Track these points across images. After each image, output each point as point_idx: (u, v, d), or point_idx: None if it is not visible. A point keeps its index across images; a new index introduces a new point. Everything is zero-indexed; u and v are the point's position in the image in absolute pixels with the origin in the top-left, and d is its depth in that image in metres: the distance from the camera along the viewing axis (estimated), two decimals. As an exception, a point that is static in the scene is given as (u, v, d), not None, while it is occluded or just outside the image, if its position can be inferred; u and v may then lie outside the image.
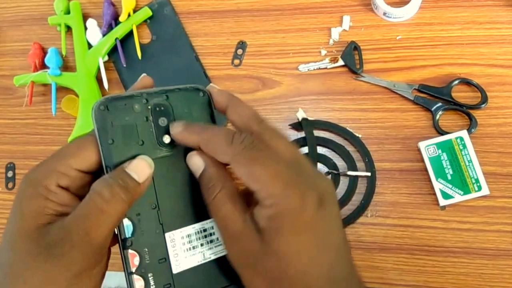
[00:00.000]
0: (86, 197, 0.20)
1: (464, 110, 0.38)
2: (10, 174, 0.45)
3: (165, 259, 0.21)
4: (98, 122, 0.21)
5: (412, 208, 0.37)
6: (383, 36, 0.41)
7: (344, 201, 0.38)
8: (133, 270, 0.21)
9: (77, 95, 0.44)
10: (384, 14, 0.41)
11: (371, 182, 0.38)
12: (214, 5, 0.45)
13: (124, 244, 0.21)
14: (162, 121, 0.22)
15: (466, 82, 0.39)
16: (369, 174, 0.38)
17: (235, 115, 0.22)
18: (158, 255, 0.21)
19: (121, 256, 0.21)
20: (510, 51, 0.39)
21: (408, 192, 0.37)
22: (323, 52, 0.42)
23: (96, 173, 0.21)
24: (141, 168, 0.20)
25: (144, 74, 0.24)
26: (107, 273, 0.22)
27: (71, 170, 0.20)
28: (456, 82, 0.38)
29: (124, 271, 0.21)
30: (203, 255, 0.22)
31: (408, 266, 0.36)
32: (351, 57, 0.40)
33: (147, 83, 0.24)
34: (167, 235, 0.22)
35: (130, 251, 0.21)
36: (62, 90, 0.44)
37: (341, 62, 0.41)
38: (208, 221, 0.23)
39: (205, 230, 0.23)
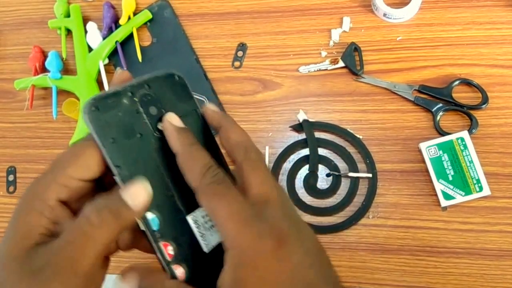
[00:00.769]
0: (75, 220, 0.18)
1: (465, 111, 0.38)
2: (11, 177, 0.45)
3: (195, 241, 0.22)
4: (94, 124, 0.20)
5: (413, 209, 0.37)
6: (383, 37, 0.41)
7: (345, 202, 0.38)
8: (170, 260, 0.21)
9: (77, 98, 0.44)
10: (384, 15, 0.41)
11: (372, 184, 0.38)
12: (214, 7, 0.45)
13: (155, 237, 0.20)
14: (152, 110, 0.22)
15: (467, 82, 0.39)
16: (370, 175, 0.38)
17: (223, 140, 0.22)
18: (187, 239, 0.22)
19: (154, 250, 0.21)
20: (511, 51, 0.39)
21: (409, 193, 0.37)
22: (324, 53, 0.42)
23: (97, 180, 0.20)
24: (137, 194, 0.19)
25: (119, 68, 0.24)
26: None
27: (71, 180, 0.19)
28: (457, 82, 0.38)
29: (161, 263, 0.21)
30: (218, 236, 0.22)
31: (410, 267, 0.36)
32: (352, 59, 0.40)
33: (125, 77, 0.23)
34: (189, 218, 0.22)
35: (162, 242, 0.21)
36: (63, 93, 0.44)
37: (341, 64, 0.41)
38: None
39: (207, 215, 0.23)
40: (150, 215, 0.21)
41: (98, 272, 0.19)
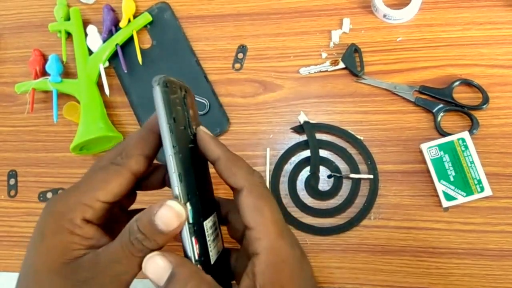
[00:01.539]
0: (118, 239, 0.19)
1: (466, 111, 0.38)
2: (12, 181, 0.45)
3: (207, 249, 0.21)
4: (162, 99, 0.20)
5: (415, 210, 0.37)
6: (384, 38, 0.41)
7: (347, 204, 0.38)
8: (197, 258, 0.20)
9: (78, 102, 0.44)
10: (384, 16, 0.41)
11: (374, 185, 0.38)
12: (214, 9, 0.45)
13: (190, 230, 0.20)
14: (191, 112, 0.23)
15: (467, 83, 0.39)
16: (371, 176, 0.38)
17: (226, 172, 0.22)
18: (203, 244, 0.21)
19: (186, 246, 0.20)
20: (511, 51, 0.39)
21: (410, 194, 0.37)
22: (324, 55, 0.42)
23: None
24: (168, 219, 0.19)
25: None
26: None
27: (97, 202, 0.20)
28: (457, 83, 0.38)
29: (192, 259, 0.19)
30: (217, 249, 0.23)
31: (412, 268, 0.36)
32: (352, 60, 0.40)
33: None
34: (205, 223, 0.21)
35: (194, 237, 0.20)
36: (63, 96, 0.44)
37: (341, 65, 0.41)
38: (213, 215, 0.24)
39: (214, 223, 0.23)
40: (188, 206, 0.20)
41: None
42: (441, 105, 0.38)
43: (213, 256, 0.22)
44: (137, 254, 0.19)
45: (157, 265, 0.19)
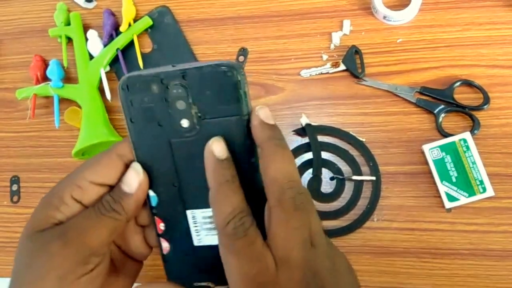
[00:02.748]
0: (88, 208, 0.21)
1: (467, 112, 0.38)
2: (15, 187, 0.45)
3: (187, 232, 0.23)
4: (121, 101, 0.21)
5: (418, 211, 0.37)
6: (384, 40, 0.41)
7: (349, 206, 0.38)
8: (160, 233, 0.23)
9: (79, 107, 0.44)
10: (384, 17, 0.41)
11: (376, 186, 0.38)
12: (214, 12, 0.45)
13: (152, 211, 0.23)
14: (180, 104, 0.21)
15: (468, 83, 0.39)
16: (374, 178, 0.38)
17: (261, 169, 0.19)
18: (181, 227, 0.23)
19: (152, 221, 0.23)
20: (511, 51, 0.39)
21: (413, 195, 0.37)
22: (325, 57, 0.42)
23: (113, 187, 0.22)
24: (130, 179, 0.21)
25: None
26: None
27: (85, 182, 0.21)
28: (458, 83, 0.39)
29: (155, 234, 0.23)
30: (215, 238, 0.23)
31: (416, 270, 0.36)
32: (353, 61, 0.40)
33: None
34: (188, 212, 0.23)
35: (156, 217, 0.23)
36: (65, 102, 0.44)
37: (342, 67, 0.41)
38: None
39: (210, 217, 0.23)
40: (151, 193, 0.23)
41: (104, 259, 0.21)
42: (442, 106, 0.38)
43: (201, 240, 0.23)
44: (104, 213, 0.21)
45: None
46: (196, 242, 0.23)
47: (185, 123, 0.21)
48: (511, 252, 0.35)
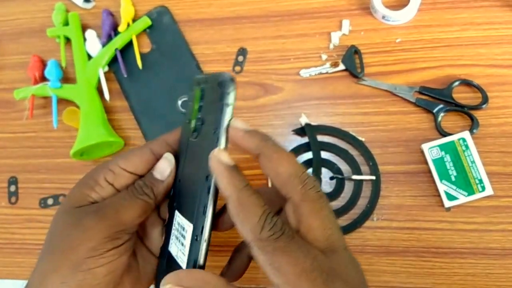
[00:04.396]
0: (122, 190, 0.23)
1: (466, 111, 0.38)
2: (12, 188, 0.44)
3: (169, 233, 0.24)
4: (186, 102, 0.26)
5: (417, 210, 0.37)
6: (383, 39, 0.41)
7: (349, 205, 0.38)
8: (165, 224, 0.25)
9: (78, 107, 0.43)
10: (383, 17, 0.41)
11: (376, 186, 0.38)
12: (213, 12, 0.45)
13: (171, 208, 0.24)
14: (195, 106, 0.24)
15: (467, 83, 0.39)
16: (373, 177, 0.38)
17: (270, 171, 0.19)
18: (169, 224, 0.24)
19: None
20: (509, 51, 0.39)
21: (413, 195, 0.37)
22: (324, 56, 0.42)
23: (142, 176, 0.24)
24: (162, 168, 0.24)
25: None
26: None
27: (117, 168, 0.24)
28: (457, 83, 0.39)
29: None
30: (177, 250, 0.22)
31: (416, 269, 0.36)
32: (352, 61, 0.40)
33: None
34: (176, 211, 0.24)
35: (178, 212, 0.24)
36: (63, 102, 0.44)
37: (342, 66, 0.41)
38: (187, 221, 0.21)
39: (183, 229, 0.22)
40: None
41: (132, 237, 0.23)
42: (441, 106, 0.38)
43: (172, 247, 0.23)
44: (137, 195, 0.23)
45: None
46: (169, 246, 0.23)
47: (193, 123, 0.23)
48: (510, 251, 0.35)
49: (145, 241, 0.26)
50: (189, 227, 0.21)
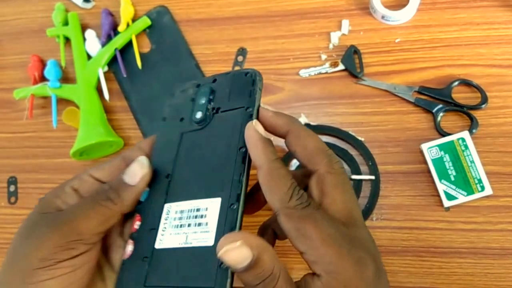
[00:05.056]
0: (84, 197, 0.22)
1: (465, 111, 0.38)
2: (12, 188, 0.44)
3: (155, 231, 0.21)
4: (165, 105, 0.26)
5: (416, 210, 0.37)
6: (382, 39, 0.41)
7: (349, 205, 0.38)
8: (131, 233, 0.22)
9: (77, 107, 0.43)
10: (383, 17, 0.41)
11: (375, 186, 0.38)
12: (213, 12, 0.45)
13: (136, 207, 0.22)
14: (201, 100, 0.24)
15: (466, 83, 0.39)
16: (373, 177, 0.38)
17: (298, 146, 0.20)
18: (151, 224, 0.22)
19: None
20: (508, 51, 0.39)
21: (412, 194, 0.37)
22: (323, 56, 0.42)
23: None
24: (133, 171, 0.22)
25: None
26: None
27: (85, 175, 0.23)
28: (456, 83, 0.39)
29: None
30: (185, 237, 0.20)
31: (415, 268, 0.36)
32: (351, 61, 0.41)
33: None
34: (165, 205, 0.22)
35: (136, 214, 0.22)
36: (63, 102, 0.44)
37: (341, 66, 0.41)
38: (206, 200, 0.21)
39: (198, 210, 0.21)
40: (147, 187, 0.23)
41: (93, 249, 0.21)
42: (440, 105, 0.38)
43: (165, 242, 0.21)
44: (99, 201, 0.21)
45: (238, 253, 0.17)
46: (157, 244, 0.21)
47: (198, 114, 0.23)
48: (509, 250, 0.35)
49: (111, 261, 0.23)
50: (211, 203, 0.20)
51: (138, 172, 0.22)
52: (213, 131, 0.23)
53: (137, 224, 0.22)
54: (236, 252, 0.17)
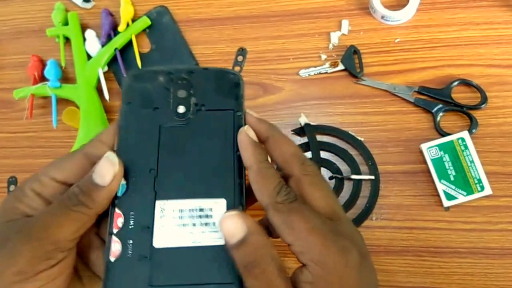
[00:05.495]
0: (53, 201, 0.20)
1: (465, 111, 0.38)
2: (12, 188, 0.44)
3: (149, 229, 0.20)
4: (123, 88, 0.23)
5: (416, 210, 0.37)
6: (382, 39, 0.41)
7: (348, 205, 0.38)
8: (114, 231, 0.20)
9: (77, 107, 0.43)
10: (382, 17, 0.41)
11: (375, 185, 0.38)
12: (213, 12, 0.45)
13: (113, 202, 0.20)
14: (181, 93, 0.23)
15: (466, 83, 0.39)
16: (372, 177, 0.38)
17: (275, 152, 0.21)
18: (143, 222, 0.20)
19: (109, 214, 0.20)
20: (508, 51, 0.39)
21: (412, 194, 0.38)
22: (323, 56, 0.42)
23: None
24: (103, 170, 0.20)
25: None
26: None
27: (45, 177, 0.21)
28: (456, 83, 0.39)
29: (107, 230, 0.20)
30: (192, 236, 0.20)
31: (415, 268, 0.36)
32: (351, 61, 0.41)
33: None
34: (157, 203, 0.21)
35: (116, 210, 0.20)
36: (63, 102, 0.44)
37: (341, 66, 0.41)
38: (208, 200, 0.21)
39: (201, 210, 0.20)
40: (122, 181, 0.21)
41: (69, 255, 0.20)
42: (440, 105, 0.38)
43: (166, 241, 0.20)
44: (72, 207, 0.19)
45: (233, 225, 0.19)
46: (156, 243, 0.20)
47: (181, 109, 0.22)
48: (509, 250, 0.35)
49: (85, 260, 0.22)
50: (215, 203, 0.21)
51: (109, 171, 0.20)
52: (199, 128, 0.22)
53: (120, 222, 0.20)
54: (232, 222, 0.19)
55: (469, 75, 0.39)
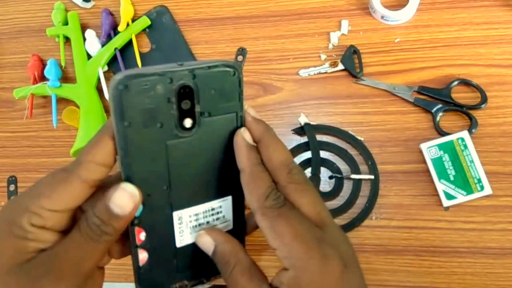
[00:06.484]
0: (74, 232, 0.19)
1: (464, 111, 0.38)
2: (12, 187, 0.44)
3: (171, 236, 0.22)
4: (115, 103, 0.19)
5: (416, 210, 0.37)
6: (382, 39, 0.41)
7: (348, 204, 0.38)
8: (139, 244, 0.22)
9: (77, 106, 0.43)
10: (382, 17, 0.41)
11: (375, 185, 0.38)
12: (213, 12, 0.45)
13: (132, 222, 0.21)
14: (185, 104, 0.20)
15: (466, 82, 0.39)
16: (372, 177, 0.38)
17: (264, 157, 0.21)
18: (164, 231, 0.22)
19: (129, 232, 0.21)
20: (508, 51, 0.39)
21: (411, 194, 0.38)
22: (323, 56, 0.42)
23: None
24: (122, 201, 0.19)
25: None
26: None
27: (44, 211, 0.19)
28: (456, 83, 0.39)
29: (131, 245, 0.22)
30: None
31: (415, 268, 0.36)
32: (351, 61, 0.41)
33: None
34: (175, 213, 0.22)
35: (137, 227, 0.21)
36: (63, 101, 0.44)
37: (341, 66, 0.41)
38: (218, 200, 0.23)
39: (213, 209, 0.23)
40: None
41: (97, 276, 0.21)
42: (440, 105, 0.38)
43: (184, 240, 0.23)
44: (97, 238, 0.19)
45: (205, 241, 0.22)
46: (179, 244, 0.22)
47: (187, 123, 0.20)
48: (509, 250, 0.35)
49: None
50: (223, 201, 0.23)
51: (128, 202, 0.19)
52: (205, 137, 0.21)
53: (142, 236, 0.22)
54: (204, 240, 0.22)
55: (469, 75, 0.39)
